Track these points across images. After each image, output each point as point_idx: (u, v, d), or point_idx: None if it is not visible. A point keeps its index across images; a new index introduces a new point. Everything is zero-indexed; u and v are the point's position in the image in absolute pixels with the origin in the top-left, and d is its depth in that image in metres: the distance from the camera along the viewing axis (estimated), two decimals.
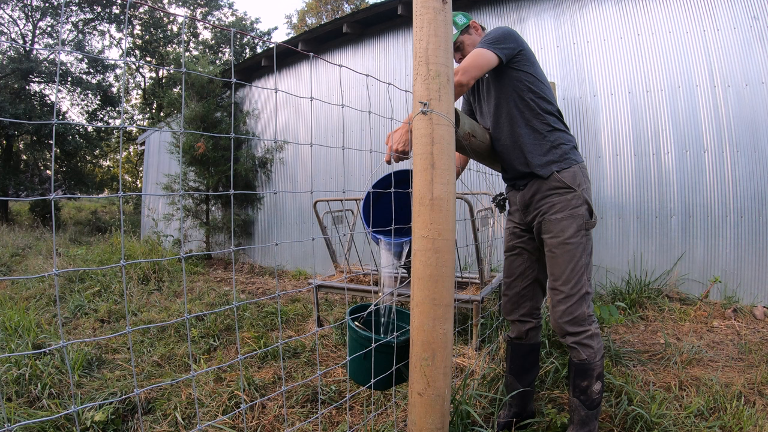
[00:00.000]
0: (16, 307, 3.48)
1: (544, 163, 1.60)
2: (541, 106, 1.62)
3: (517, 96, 1.63)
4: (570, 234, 1.52)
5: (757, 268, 3.45)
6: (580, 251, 1.52)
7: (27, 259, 6.79)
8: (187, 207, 7.11)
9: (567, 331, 1.53)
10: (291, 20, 25.06)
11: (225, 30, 17.44)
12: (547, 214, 1.58)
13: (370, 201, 1.90)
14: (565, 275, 1.53)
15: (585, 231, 1.54)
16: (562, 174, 1.57)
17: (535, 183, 1.62)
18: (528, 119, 1.62)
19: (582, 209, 1.54)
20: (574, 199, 1.55)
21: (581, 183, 1.57)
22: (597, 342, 1.51)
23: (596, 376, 1.49)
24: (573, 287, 1.51)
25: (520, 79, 1.62)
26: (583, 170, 1.61)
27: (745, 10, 3.54)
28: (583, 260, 1.52)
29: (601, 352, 1.51)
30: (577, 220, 1.53)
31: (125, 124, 4.45)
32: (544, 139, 1.61)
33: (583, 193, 1.56)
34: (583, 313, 1.50)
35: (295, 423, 1.89)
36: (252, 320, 3.36)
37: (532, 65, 1.64)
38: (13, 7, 14.10)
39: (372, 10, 5.35)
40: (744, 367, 2.40)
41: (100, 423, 1.84)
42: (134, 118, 20.51)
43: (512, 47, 1.59)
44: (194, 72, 1.20)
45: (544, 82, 1.65)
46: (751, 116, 3.49)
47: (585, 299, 1.51)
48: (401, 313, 1.82)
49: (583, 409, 1.49)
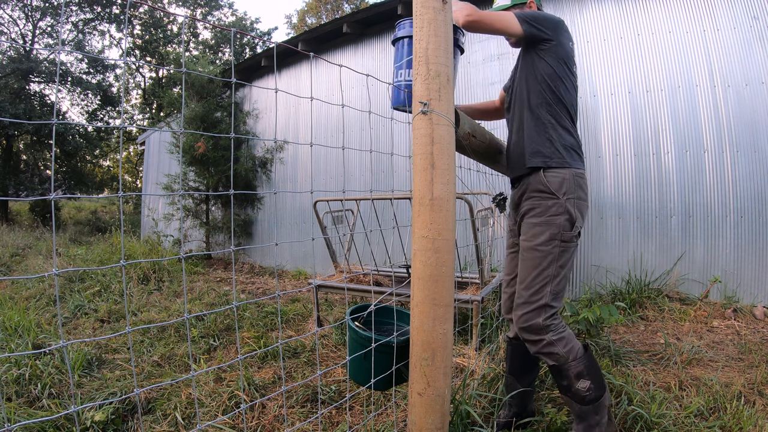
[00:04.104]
0: (16, 307, 3.48)
1: (533, 152, 1.56)
2: (551, 99, 1.57)
3: (532, 81, 1.59)
4: (541, 241, 1.49)
5: (757, 268, 3.45)
6: (548, 261, 1.48)
7: (27, 259, 6.79)
8: (187, 207, 7.11)
9: (524, 338, 1.52)
10: (291, 20, 25.07)
11: (225, 30, 17.44)
12: (526, 217, 1.57)
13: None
14: (527, 281, 1.50)
15: (560, 242, 1.48)
16: (548, 174, 1.53)
17: (525, 182, 1.60)
18: (534, 106, 1.58)
19: (560, 219, 1.49)
20: (554, 207, 1.50)
21: (567, 191, 1.50)
22: (562, 346, 1.45)
23: (575, 375, 1.45)
24: (532, 295, 1.48)
25: (538, 67, 1.57)
26: (577, 178, 1.54)
27: (745, 10, 3.54)
28: (550, 270, 1.47)
29: (573, 352, 1.46)
30: (552, 228, 1.48)
31: (125, 124, 4.45)
32: (544, 130, 1.56)
33: (566, 202, 1.49)
34: (537, 323, 1.46)
35: (295, 423, 1.89)
36: (252, 320, 3.36)
37: (558, 61, 1.56)
38: (13, 7, 14.10)
39: (372, 10, 5.35)
40: (744, 367, 2.40)
41: (100, 423, 1.84)
42: (134, 118, 20.51)
43: (544, 32, 1.53)
44: (194, 72, 1.20)
45: (564, 82, 1.58)
46: (751, 116, 3.49)
47: (544, 310, 1.47)
48: (401, 313, 1.82)
49: (576, 405, 1.48)
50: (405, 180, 5.18)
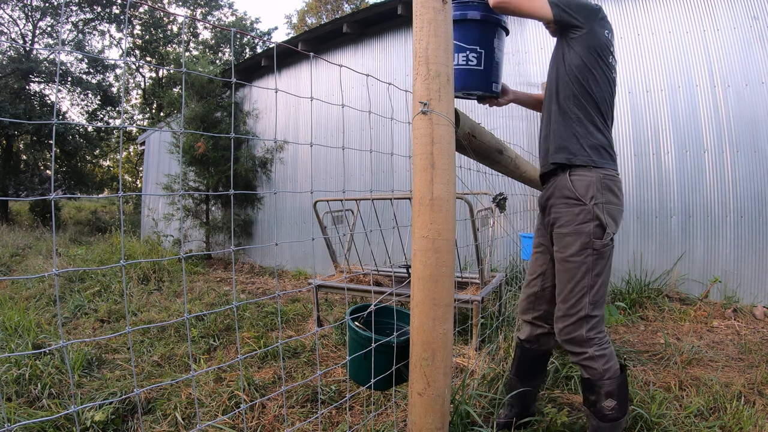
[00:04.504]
0: (16, 307, 3.48)
1: (558, 147, 1.49)
2: (578, 92, 1.47)
3: (561, 72, 1.51)
4: (572, 252, 1.43)
5: (757, 268, 3.45)
6: (582, 271, 1.42)
7: (27, 259, 6.79)
8: (187, 207, 7.11)
9: (566, 349, 1.49)
10: (291, 20, 25.07)
11: (225, 30, 17.44)
12: (555, 227, 1.51)
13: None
14: (564, 293, 1.46)
15: (592, 250, 1.41)
16: (574, 177, 1.45)
17: (552, 183, 1.53)
18: (562, 99, 1.51)
19: (589, 226, 1.41)
20: (582, 214, 1.42)
21: (595, 195, 1.42)
22: (602, 363, 1.42)
23: (605, 393, 1.41)
24: (571, 308, 1.44)
25: (567, 57, 1.49)
26: (606, 180, 1.44)
27: (745, 10, 3.54)
28: (586, 281, 1.42)
29: (611, 372, 1.42)
30: (582, 237, 1.42)
31: (125, 124, 4.46)
32: (570, 125, 1.48)
33: (594, 208, 1.41)
34: (580, 335, 1.43)
35: (295, 423, 1.89)
36: (252, 320, 3.36)
37: (589, 51, 1.46)
38: (13, 7, 14.11)
39: (372, 10, 5.35)
40: (744, 367, 2.40)
41: (100, 423, 1.84)
42: (134, 118, 20.51)
43: (575, 18, 1.43)
44: (194, 72, 1.20)
45: (594, 74, 1.46)
46: (751, 116, 3.49)
47: (585, 321, 1.42)
48: (401, 313, 1.82)
49: (593, 419, 1.45)
50: (405, 180, 5.18)
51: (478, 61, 1.67)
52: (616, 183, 1.47)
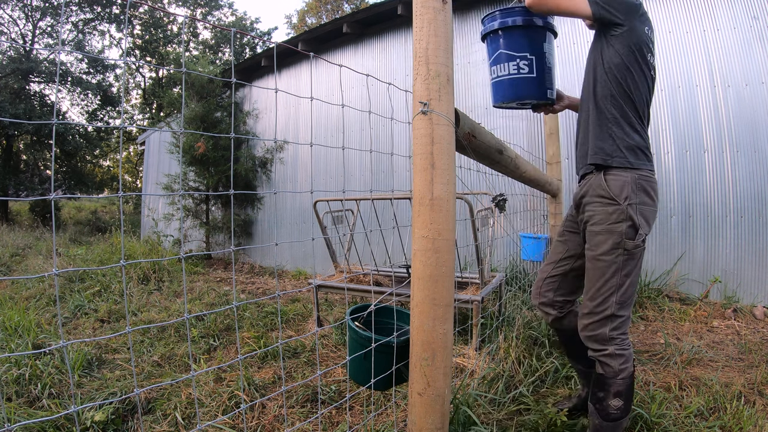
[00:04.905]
0: (16, 307, 3.48)
1: (595, 148, 1.49)
2: (616, 91, 1.45)
3: (600, 70, 1.49)
4: (603, 251, 1.44)
5: (757, 268, 3.45)
6: (611, 270, 1.43)
7: (27, 259, 6.80)
8: (187, 207, 7.11)
9: (588, 345, 1.51)
10: (291, 20, 25.07)
11: (225, 30, 17.44)
12: (588, 224, 1.51)
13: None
14: (591, 291, 1.48)
15: (623, 250, 1.42)
16: (609, 177, 1.46)
17: (587, 181, 1.54)
18: (599, 98, 1.49)
19: (622, 226, 1.42)
20: (615, 214, 1.43)
21: (629, 196, 1.42)
22: (619, 362, 1.43)
23: (614, 392, 1.43)
24: (597, 306, 1.46)
25: (606, 55, 1.46)
26: (641, 181, 1.44)
27: (745, 10, 3.54)
28: (615, 281, 1.43)
29: (625, 373, 1.43)
30: (614, 236, 1.42)
31: (125, 124, 4.46)
32: (607, 125, 1.47)
33: (627, 208, 1.42)
34: (603, 333, 1.45)
35: (295, 423, 1.89)
36: (252, 320, 3.36)
37: (629, 50, 1.43)
38: (13, 7, 14.11)
39: (372, 10, 5.35)
40: (744, 367, 2.40)
41: (100, 423, 1.84)
42: (134, 118, 20.51)
43: (615, 16, 1.41)
44: (194, 72, 1.20)
45: (633, 73, 1.44)
46: (751, 116, 3.49)
47: (610, 320, 1.44)
48: (401, 313, 1.82)
49: (597, 417, 1.46)
50: (405, 180, 5.18)
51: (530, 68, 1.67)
52: (650, 184, 1.47)
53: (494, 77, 1.73)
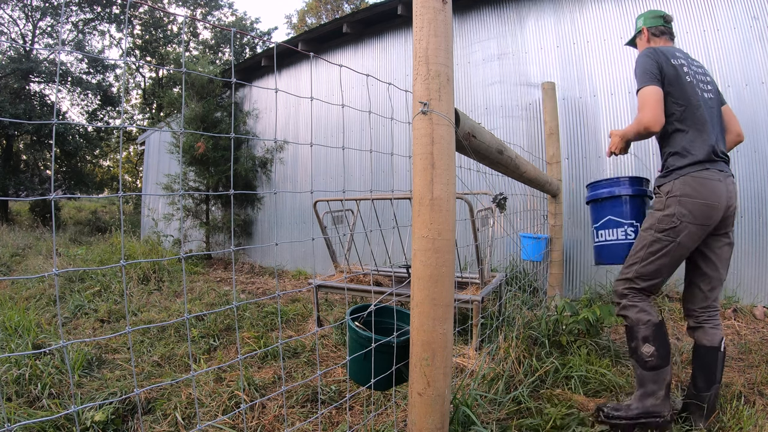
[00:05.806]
0: (16, 307, 3.48)
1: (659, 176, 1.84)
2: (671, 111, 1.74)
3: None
4: (644, 227, 1.79)
5: (757, 268, 3.45)
6: (642, 244, 1.75)
7: (27, 259, 6.80)
8: (187, 207, 7.11)
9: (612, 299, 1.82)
10: (291, 20, 25.07)
11: (225, 30, 17.44)
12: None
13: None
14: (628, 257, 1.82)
15: (654, 231, 1.72)
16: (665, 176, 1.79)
17: None
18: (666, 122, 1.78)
19: (660, 213, 1.73)
20: (658, 203, 1.77)
21: (671, 190, 1.72)
22: (634, 312, 1.72)
23: (641, 338, 1.68)
24: (625, 267, 1.80)
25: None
26: (687, 182, 1.69)
27: (745, 10, 3.54)
28: (641, 253, 1.74)
29: (643, 320, 1.69)
30: (651, 219, 1.76)
31: (125, 124, 4.45)
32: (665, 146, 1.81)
33: (667, 199, 1.72)
34: (618, 289, 1.80)
35: (295, 423, 1.89)
36: (252, 320, 3.36)
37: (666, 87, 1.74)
38: (13, 7, 14.11)
39: (372, 10, 5.35)
40: (744, 367, 2.40)
41: (100, 423, 1.84)
42: (134, 118, 20.51)
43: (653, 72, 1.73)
44: (194, 72, 1.20)
45: (668, 100, 1.74)
46: (751, 116, 3.49)
47: (626, 281, 1.77)
48: (401, 313, 1.82)
49: (637, 368, 1.69)
50: (405, 180, 5.18)
51: (635, 234, 2.01)
52: (697, 180, 1.69)
53: (596, 241, 2.14)
